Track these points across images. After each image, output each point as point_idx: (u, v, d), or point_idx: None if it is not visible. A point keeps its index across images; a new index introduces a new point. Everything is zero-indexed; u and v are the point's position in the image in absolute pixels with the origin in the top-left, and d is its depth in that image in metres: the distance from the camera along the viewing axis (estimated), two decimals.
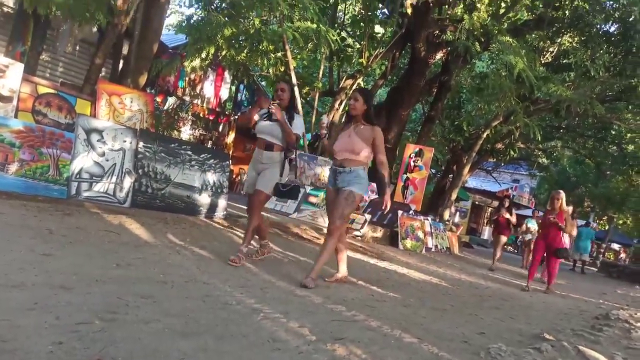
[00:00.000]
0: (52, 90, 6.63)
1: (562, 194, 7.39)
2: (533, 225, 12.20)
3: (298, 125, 4.52)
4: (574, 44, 12.43)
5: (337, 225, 4.08)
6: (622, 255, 32.62)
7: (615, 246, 33.99)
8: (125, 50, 9.76)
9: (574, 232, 7.92)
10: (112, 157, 5.78)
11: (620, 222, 32.94)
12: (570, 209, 9.19)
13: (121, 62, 9.68)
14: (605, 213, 31.74)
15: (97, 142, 5.69)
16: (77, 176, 5.50)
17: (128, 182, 5.86)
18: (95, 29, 10.65)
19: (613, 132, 17.89)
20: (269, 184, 4.40)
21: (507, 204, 10.37)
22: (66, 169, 5.44)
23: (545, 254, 7.43)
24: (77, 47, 12.01)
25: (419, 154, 13.14)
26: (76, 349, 1.87)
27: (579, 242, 14.55)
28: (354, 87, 12.42)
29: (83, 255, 3.49)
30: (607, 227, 33.76)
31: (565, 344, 3.15)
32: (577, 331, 3.88)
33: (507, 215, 10.21)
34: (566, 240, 8.67)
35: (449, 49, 12.22)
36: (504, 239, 10.53)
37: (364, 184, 4.21)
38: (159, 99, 13.73)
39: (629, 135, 17.61)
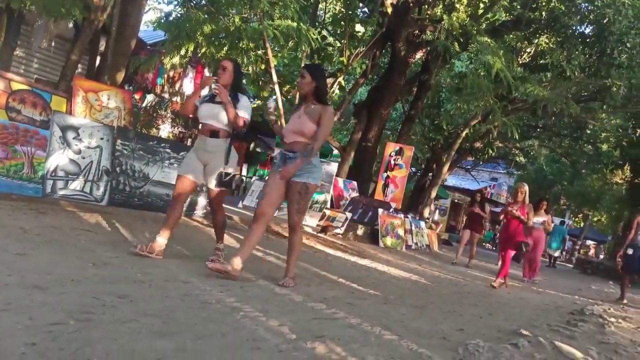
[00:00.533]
0: (26, 87, 6.48)
1: (526, 187, 7.16)
2: None
3: (244, 108, 4.09)
4: (551, 45, 12.62)
5: (297, 220, 3.92)
6: (592, 251, 33.37)
7: (591, 243, 34.79)
8: (102, 46, 9.59)
9: (551, 228, 7.93)
10: (89, 155, 5.68)
11: (595, 219, 33.68)
12: (544, 205, 9.35)
13: (98, 58, 9.51)
14: (581, 210, 32.44)
15: (73, 139, 5.59)
16: (53, 174, 5.39)
17: (105, 180, 5.77)
18: (71, 25, 10.42)
19: (588, 132, 18.26)
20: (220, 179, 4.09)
21: (479, 199, 10.20)
22: (41, 166, 5.33)
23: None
24: (53, 43, 11.75)
25: (400, 152, 13.22)
26: (50, 350, 1.83)
27: (551, 239, 15.17)
28: (335, 85, 12.42)
29: (58, 255, 3.42)
30: (582, 225, 34.51)
31: (541, 339, 3.20)
32: (553, 327, 3.95)
33: (478, 210, 10.02)
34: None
35: (429, 48, 12.31)
36: (477, 235, 10.34)
37: (317, 172, 3.91)
38: (137, 96, 13.54)
39: (603, 134, 17.99)
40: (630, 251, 7.69)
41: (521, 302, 5.83)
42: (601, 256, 28.15)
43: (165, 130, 16.19)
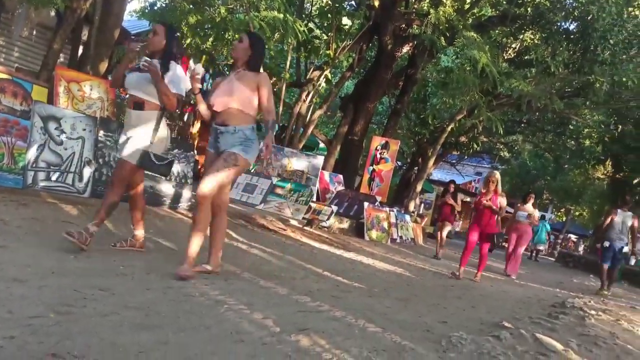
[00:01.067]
0: (6, 76, 6.32)
1: (497, 176, 6.77)
2: None
3: (175, 80, 3.61)
4: (536, 41, 12.72)
5: (206, 193, 3.24)
6: (571, 245, 33.86)
7: (572, 237, 35.32)
8: (84, 35, 9.42)
9: (537, 222, 7.86)
10: (71, 146, 5.58)
11: (577, 213, 34.20)
12: (531, 198, 9.43)
13: (80, 48, 9.34)
14: (563, 205, 32.90)
15: (54, 130, 5.48)
16: (34, 165, 5.29)
17: (88, 171, 5.68)
18: (53, 13, 10.22)
19: (571, 127, 18.48)
20: (135, 152, 3.53)
21: (452, 190, 9.89)
22: (22, 157, 5.22)
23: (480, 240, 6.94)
24: (34, 32, 11.51)
25: (385, 146, 13.25)
26: (29, 344, 1.80)
27: (538, 234, 15.53)
28: (321, 78, 12.38)
29: (39, 247, 3.36)
30: (564, 219, 35.03)
31: (523, 331, 3.25)
32: (535, 319, 4.00)
33: (451, 202, 9.62)
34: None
35: (415, 42, 12.34)
36: (448, 225, 9.88)
37: (253, 146, 3.42)
38: None
39: (586, 130, 18.24)
40: (606, 244, 8.20)
41: (503, 295, 5.90)
42: (580, 250, 28.63)
43: None
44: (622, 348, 3.50)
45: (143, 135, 3.54)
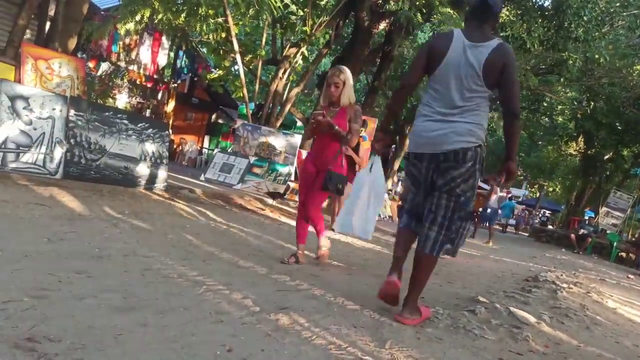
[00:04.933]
0: None
1: (348, 73, 4.16)
2: None
3: None
4: (511, 17, 12.78)
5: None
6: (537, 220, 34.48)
7: (546, 212, 36.15)
8: (52, 11, 9.08)
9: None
10: (41, 126, 5.43)
11: (550, 189, 35.01)
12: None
13: (48, 23, 9.01)
14: (537, 181, 33.61)
15: (23, 109, 5.31)
16: (2, 146, 5.13)
17: (59, 152, 5.54)
18: None
19: (545, 104, 18.76)
20: None
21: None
22: None
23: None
24: None
25: (363, 124, 13.18)
26: (3, 328, 1.76)
27: (502, 211, 17.48)
28: (298, 55, 12.24)
29: (10, 230, 3.28)
30: (537, 195, 35.81)
31: (497, 305, 3.33)
32: (509, 293, 4.10)
33: (351, 153, 6.90)
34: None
35: (392, 19, 12.24)
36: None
37: None
38: (91, 65, 12.98)
39: (559, 107, 18.56)
40: (488, 210, 11.89)
41: (479, 270, 6.03)
42: (550, 226, 29.33)
43: (123, 100, 15.65)
44: (591, 319, 3.63)
45: None
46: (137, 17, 9.95)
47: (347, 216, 4.09)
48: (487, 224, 11.95)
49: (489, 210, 11.84)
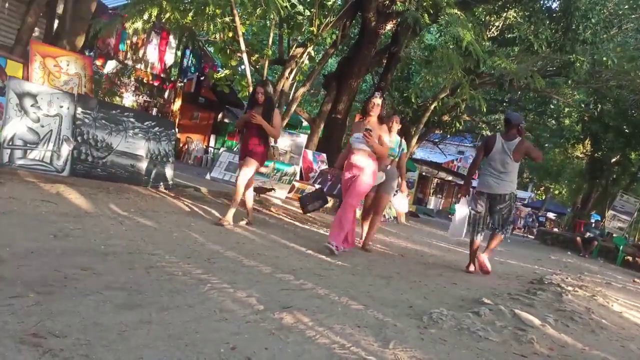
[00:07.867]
0: None
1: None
2: None
3: None
4: (519, 19, 12.72)
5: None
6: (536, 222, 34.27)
7: (551, 215, 35.97)
8: (60, 9, 9.13)
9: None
10: (48, 124, 5.46)
11: (556, 192, 34.82)
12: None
13: (56, 21, 9.06)
14: (543, 184, 33.44)
15: (30, 107, 5.35)
16: (10, 143, 5.16)
17: (66, 149, 5.57)
18: None
19: (552, 107, 18.66)
20: None
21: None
22: None
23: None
24: (7, 4, 11.11)
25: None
26: (9, 324, 1.77)
27: None
28: (304, 55, 12.24)
29: (17, 227, 3.30)
30: (544, 197, 35.65)
31: (502, 307, 3.31)
32: (514, 295, 4.08)
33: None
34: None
35: (399, 19, 12.22)
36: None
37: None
38: (98, 63, 13.03)
39: (566, 109, 18.45)
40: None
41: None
42: (555, 229, 29.20)
43: (129, 99, 15.71)
44: (597, 323, 3.60)
45: None
46: (145, 16, 9.97)
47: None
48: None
49: None
